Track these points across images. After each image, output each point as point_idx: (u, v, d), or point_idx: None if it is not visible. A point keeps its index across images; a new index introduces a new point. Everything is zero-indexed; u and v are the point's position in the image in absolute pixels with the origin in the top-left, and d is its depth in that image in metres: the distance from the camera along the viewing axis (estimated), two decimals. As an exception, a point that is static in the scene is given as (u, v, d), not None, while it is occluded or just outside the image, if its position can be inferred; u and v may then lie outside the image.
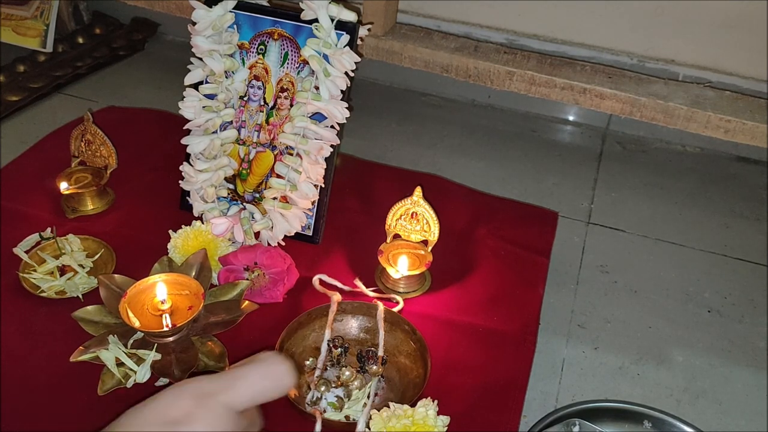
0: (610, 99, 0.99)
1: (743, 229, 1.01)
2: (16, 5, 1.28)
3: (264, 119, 0.86)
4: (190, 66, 0.84)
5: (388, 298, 0.80)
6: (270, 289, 0.79)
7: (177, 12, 1.17)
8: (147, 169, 0.99)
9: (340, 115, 0.80)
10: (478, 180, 1.05)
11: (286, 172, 0.82)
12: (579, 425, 0.67)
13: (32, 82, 1.18)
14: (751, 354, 0.82)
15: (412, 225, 0.82)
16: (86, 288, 0.78)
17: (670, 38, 1.08)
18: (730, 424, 0.74)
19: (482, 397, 0.70)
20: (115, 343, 0.70)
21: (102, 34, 1.33)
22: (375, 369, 0.70)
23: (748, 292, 0.90)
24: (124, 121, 1.09)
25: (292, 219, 0.83)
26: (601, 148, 1.17)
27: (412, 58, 1.06)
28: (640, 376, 0.78)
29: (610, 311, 0.86)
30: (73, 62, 1.25)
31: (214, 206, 0.86)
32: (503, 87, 1.04)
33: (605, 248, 0.96)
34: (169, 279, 0.74)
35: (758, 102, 0.98)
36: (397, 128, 1.19)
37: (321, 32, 0.79)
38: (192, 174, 0.84)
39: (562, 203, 1.03)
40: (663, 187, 1.08)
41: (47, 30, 1.26)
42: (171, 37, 1.40)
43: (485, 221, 0.93)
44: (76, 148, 0.93)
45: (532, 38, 1.16)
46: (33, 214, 0.89)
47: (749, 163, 1.15)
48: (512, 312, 0.80)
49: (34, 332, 0.74)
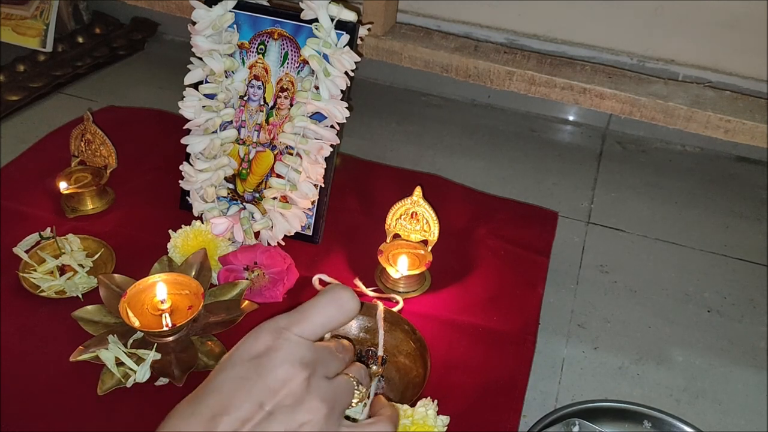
0: (610, 99, 0.99)
1: (743, 229, 1.01)
2: (16, 5, 1.28)
3: (264, 119, 0.86)
4: (190, 66, 0.84)
5: (388, 297, 0.80)
6: (270, 289, 0.79)
7: (177, 12, 1.17)
8: (147, 169, 0.99)
9: (340, 114, 0.80)
10: (478, 180, 1.06)
11: (286, 172, 0.82)
12: (579, 425, 0.67)
13: (32, 82, 1.18)
14: (751, 354, 0.82)
15: (412, 225, 0.82)
16: (86, 288, 0.78)
17: (670, 38, 1.08)
18: (729, 424, 0.74)
19: (482, 397, 0.70)
20: (115, 343, 0.70)
21: (102, 34, 1.33)
22: (375, 369, 0.70)
23: (748, 292, 0.90)
24: (124, 120, 1.09)
25: (292, 219, 0.83)
26: (601, 148, 1.17)
27: (412, 57, 1.06)
28: (639, 376, 0.78)
29: (610, 311, 0.86)
30: (73, 62, 1.25)
31: (214, 206, 0.86)
32: (503, 87, 1.04)
33: (605, 248, 0.96)
34: (169, 279, 0.74)
35: (758, 102, 0.98)
36: (397, 128, 1.19)
37: (321, 32, 0.79)
38: (192, 174, 0.84)
39: (562, 203, 1.03)
40: (663, 187, 1.08)
41: (47, 30, 1.26)
42: (171, 37, 1.40)
43: (485, 221, 0.93)
44: (75, 147, 0.93)
45: (532, 38, 1.16)
46: (33, 214, 0.89)
47: (749, 163, 1.15)
48: (512, 312, 0.80)
49: (34, 332, 0.74)
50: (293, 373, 0.37)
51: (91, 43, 1.30)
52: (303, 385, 0.37)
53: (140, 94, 1.23)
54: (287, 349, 0.38)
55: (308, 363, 0.38)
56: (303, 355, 0.38)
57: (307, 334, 0.39)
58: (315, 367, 0.39)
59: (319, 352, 0.40)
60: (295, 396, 0.37)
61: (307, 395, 0.38)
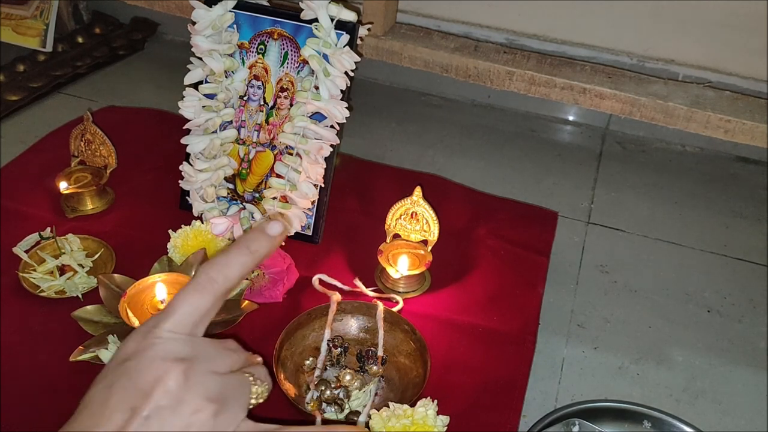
0: (610, 99, 0.99)
1: (743, 229, 1.01)
2: (16, 5, 1.28)
3: (264, 119, 0.86)
4: (189, 66, 0.84)
5: (388, 297, 0.80)
6: (270, 289, 0.79)
7: (177, 12, 1.17)
8: (147, 169, 0.99)
9: (339, 114, 0.80)
10: (477, 180, 1.05)
11: (286, 172, 0.82)
12: (579, 425, 0.67)
13: (32, 82, 1.18)
14: (751, 354, 0.82)
15: (411, 225, 0.82)
16: (86, 288, 0.78)
17: (670, 38, 1.08)
18: (729, 424, 0.74)
19: (482, 397, 0.70)
20: (115, 343, 0.70)
21: (102, 34, 1.33)
22: (375, 369, 0.70)
23: (748, 292, 0.90)
24: (124, 120, 1.09)
25: (291, 219, 0.83)
26: (600, 148, 1.17)
27: (412, 57, 1.06)
28: (639, 375, 0.78)
29: (610, 311, 0.86)
30: (73, 62, 1.25)
31: (214, 206, 0.86)
32: (503, 87, 1.04)
33: (605, 248, 0.96)
34: (169, 279, 0.74)
35: (758, 102, 0.98)
36: (397, 128, 1.19)
37: (321, 32, 0.79)
38: (192, 174, 0.84)
39: (561, 203, 1.03)
40: (663, 187, 1.08)
41: (47, 29, 1.26)
42: (171, 37, 1.40)
43: (485, 221, 0.93)
44: (75, 147, 0.93)
45: (532, 38, 1.16)
46: (33, 214, 0.89)
47: (749, 163, 1.15)
48: (512, 312, 0.80)
49: (33, 332, 0.74)
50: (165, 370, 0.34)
51: (91, 43, 1.30)
52: (179, 381, 0.34)
53: (140, 94, 1.23)
54: (156, 346, 0.35)
55: (183, 357, 0.34)
56: (176, 349, 0.35)
57: (178, 328, 0.36)
58: (193, 362, 0.35)
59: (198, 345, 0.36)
60: (172, 395, 0.33)
61: (186, 393, 0.34)
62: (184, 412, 0.33)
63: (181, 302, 0.36)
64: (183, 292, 0.37)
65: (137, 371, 0.34)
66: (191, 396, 0.34)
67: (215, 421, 0.34)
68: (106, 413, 0.33)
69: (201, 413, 0.34)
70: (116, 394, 0.33)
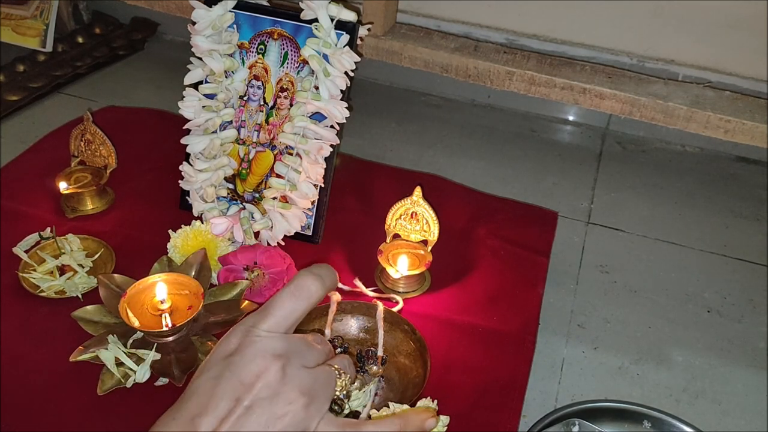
0: (609, 99, 0.99)
1: (743, 229, 1.01)
2: (16, 5, 1.28)
3: (264, 119, 0.86)
4: (189, 66, 0.84)
5: (388, 297, 0.80)
6: (270, 289, 0.79)
7: (177, 12, 1.17)
8: (147, 169, 0.99)
9: (339, 114, 0.80)
10: (478, 180, 1.05)
11: (286, 172, 0.82)
12: (579, 425, 0.67)
13: (32, 82, 1.18)
14: (751, 354, 0.82)
15: (411, 225, 0.82)
16: (86, 288, 0.78)
17: (670, 38, 1.08)
18: (729, 424, 0.74)
19: (482, 397, 0.70)
20: (115, 343, 0.70)
21: (102, 34, 1.33)
22: (375, 369, 0.70)
23: (748, 292, 0.90)
24: (124, 120, 1.09)
25: (291, 219, 0.83)
26: (600, 148, 1.17)
27: (411, 57, 1.06)
28: (639, 376, 0.78)
29: (610, 311, 0.86)
30: (73, 62, 1.25)
31: (214, 206, 0.86)
32: (503, 87, 1.04)
33: (605, 248, 0.96)
34: (169, 279, 0.74)
35: (758, 102, 0.98)
36: (397, 128, 1.19)
37: (321, 32, 0.79)
38: (192, 174, 0.84)
39: (561, 203, 1.03)
40: (663, 187, 1.08)
41: (47, 29, 1.26)
42: (171, 37, 1.40)
43: (485, 221, 0.93)
44: (75, 147, 0.93)
45: (532, 38, 1.16)
46: (33, 214, 0.89)
47: (749, 163, 1.15)
48: (512, 312, 0.80)
49: (33, 332, 0.74)
50: (266, 365, 0.38)
51: (91, 43, 1.30)
52: (278, 376, 0.38)
53: (140, 94, 1.23)
54: (257, 343, 0.39)
55: (281, 354, 0.39)
56: (274, 347, 0.39)
57: (275, 328, 0.40)
58: (289, 358, 0.39)
59: (292, 342, 0.40)
60: (272, 388, 0.38)
61: (283, 386, 0.38)
62: (280, 403, 0.38)
63: (279, 306, 0.41)
64: (279, 296, 0.42)
65: (241, 366, 0.38)
66: (287, 389, 0.38)
67: (306, 411, 0.38)
68: (213, 401, 0.37)
69: (294, 404, 0.38)
70: (222, 385, 0.38)
